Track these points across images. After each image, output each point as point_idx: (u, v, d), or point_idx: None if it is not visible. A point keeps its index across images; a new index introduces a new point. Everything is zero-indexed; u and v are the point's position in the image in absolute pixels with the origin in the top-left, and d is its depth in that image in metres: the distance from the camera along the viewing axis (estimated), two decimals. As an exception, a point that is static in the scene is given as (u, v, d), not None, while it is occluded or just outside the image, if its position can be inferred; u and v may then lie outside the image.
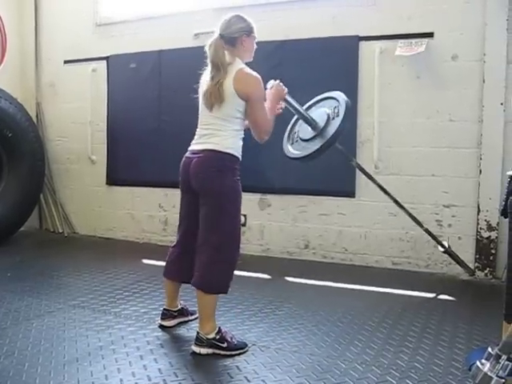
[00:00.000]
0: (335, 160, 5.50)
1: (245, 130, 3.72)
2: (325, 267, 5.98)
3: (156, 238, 7.13)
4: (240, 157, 3.66)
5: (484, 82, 5.34)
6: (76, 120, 7.69)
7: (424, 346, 3.68)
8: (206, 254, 3.57)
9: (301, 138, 4.39)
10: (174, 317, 4.05)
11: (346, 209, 6.03)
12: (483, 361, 2.69)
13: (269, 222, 6.41)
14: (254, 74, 3.61)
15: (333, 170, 5.90)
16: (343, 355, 3.54)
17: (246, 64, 3.71)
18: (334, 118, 4.21)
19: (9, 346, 3.56)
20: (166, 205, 7.03)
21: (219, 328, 3.59)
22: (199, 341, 3.55)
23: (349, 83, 5.86)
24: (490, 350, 2.71)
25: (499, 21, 5.24)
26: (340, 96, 4.31)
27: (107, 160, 7.50)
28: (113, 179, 7.51)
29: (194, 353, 3.55)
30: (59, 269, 5.84)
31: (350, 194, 5.98)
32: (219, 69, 3.59)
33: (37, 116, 7.92)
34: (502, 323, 3.14)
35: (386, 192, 5.15)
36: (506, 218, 3.24)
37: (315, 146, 4.21)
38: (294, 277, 5.54)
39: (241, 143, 3.67)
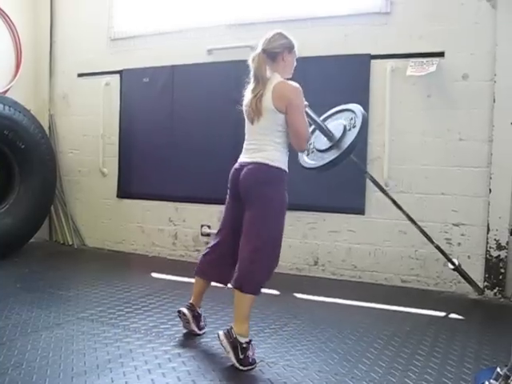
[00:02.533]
0: (345, 177, 5.53)
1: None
2: (334, 284, 5.98)
3: (166, 252, 7.15)
4: (286, 169, 3.77)
5: (494, 101, 5.35)
6: (88, 133, 7.74)
7: (432, 365, 3.67)
8: (247, 255, 3.67)
9: (317, 149, 4.42)
10: (193, 316, 4.12)
11: (356, 226, 6.03)
12: (492, 381, 2.70)
13: (278, 238, 6.40)
14: (295, 84, 3.72)
15: (342, 187, 5.91)
16: (351, 373, 3.53)
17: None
18: (350, 129, 4.26)
19: (17, 358, 3.57)
20: (176, 219, 7.05)
21: (250, 340, 3.64)
22: (229, 334, 3.59)
23: (360, 101, 5.82)
24: (498, 370, 2.71)
25: (510, 41, 5.26)
26: (357, 108, 4.39)
27: (118, 173, 7.54)
28: (123, 192, 7.54)
29: (218, 336, 3.64)
30: (68, 281, 5.87)
31: (360, 211, 5.98)
32: (259, 82, 3.74)
33: (49, 128, 7.97)
34: (511, 343, 3.14)
35: (398, 206, 5.16)
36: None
37: (331, 156, 4.27)
38: (303, 293, 5.53)
39: (286, 156, 3.79)
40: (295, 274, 6.30)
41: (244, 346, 3.57)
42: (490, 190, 5.40)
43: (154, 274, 6.18)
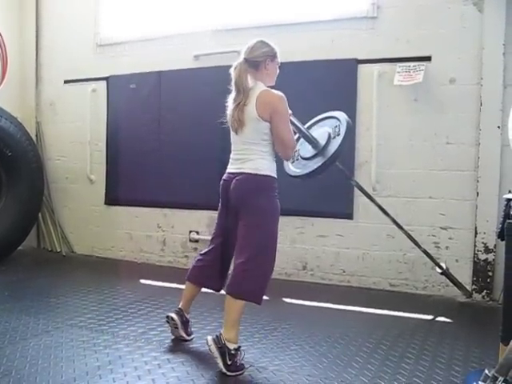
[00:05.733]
0: (334, 182, 5.53)
1: None
2: (322, 289, 5.99)
3: (154, 259, 7.13)
4: (275, 176, 3.79)
5: (481, 105, 5.38)
6: (75, 139, 7.72)
7: (421, 368, 3.68)
8: (240, 264, 3.67)
9: (301, 157, 4.43)
10: (182, 321, 4.11)
11: (344, 230, 6.04)
12: (480, 383, 2.71)
13: (267, 243, 6.40)
14: (279, 92, 3.72)
15: (331, 192, 5.91)
16: (340, 376, 3.54)
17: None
18: (334, 137, 4.26)
19: (6, 366, 3.55)
20: (165, 225, 7.04)
21: (239, 347, 3.63)
22: (218, 340, 3.59)
23: (347, 106, 5.87)
24: (486, 371, 2.72)
25: (496, 45, 5.30)
26: (341, 115, 4.38)
27: (106, 180, 7.53)
28: (111, 199, 7.52)
29: (207, 341, 3.63)
30: (57, 288, 5.84)
31: (348, 215, 5.99)
32: (240, 92, 3.72)
33: (36, 135, 7.95)
34: (499, 345, 3.15)
35: (384, 212, 5.17)
36: (502, 240, 3.26)
37: (316, 164, 4.27)
38: (292, 298, 5.54)
39: (273, 164, 3.79)
40: (284, 278, 6.30)
41: (232, 352, 3.56)
42: (478, 193, 5.43)
43: (143, 281, 6.17)
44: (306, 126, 4.49)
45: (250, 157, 3.72)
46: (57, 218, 7.91)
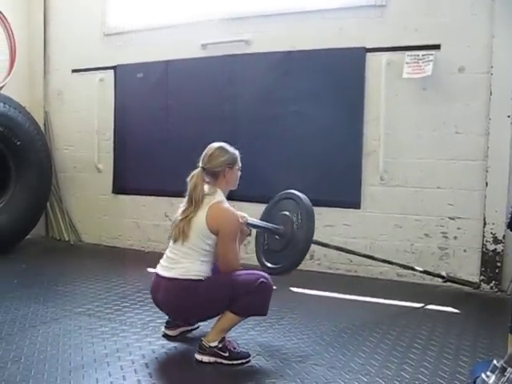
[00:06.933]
0: (341, 171, 5.52)
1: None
2: (330, 278, 5.99)
3: (161, 247, 7.08)
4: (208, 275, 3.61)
5: (491, 94, 5.34)
6: (83, 129, 7.72)
7: (428, 358, 3.68)
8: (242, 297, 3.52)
9: (273, 250, 4.28)
10: (178, 326, 4.06)
11: (352, 220, 6.03)
12: (488, 373, 2.69)
13: (274, 233, 6.40)
14: (231, 209, 3.60)
15: (338, 181, 5.90)
16: (347, 366, 3.54)
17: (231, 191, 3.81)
18: (298, 228, 4.09)
19: (16, 352, 3.58)
20: (172, 214, 6.96)
21: (222, 337, 3.59)
22: (202, 349, 3.56)
23: (355, 94, 5.88)
24: (495, 362, 2.70)
25: (506, 33, 5.26)
26: (301, 200, 4.13)
27: (113, 169, 7.54)
28: (119, 188, 7.53)
29: (196, 360, 3.55)
30: (65, 276, 5.87)
31: (356, 205, 5.97)
32: (192, 204, 3.63)
33: (44, 125, 7.96)
34: (507, 336, 3.14)
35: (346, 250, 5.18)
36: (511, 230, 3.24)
37: (292, 252, 4.12)
38: (299, 287, 5.53)
39: (209, 267, 3.63)
40: (291, 268, 6.29)
41: (220, 346, 3.53)
42: (487, 183, 5.40)
43: (150, 269, 6.16)
44: (266, 208, 4.37)
45: (184, 260, 3.59)
46: (65, 207, 7.94)
